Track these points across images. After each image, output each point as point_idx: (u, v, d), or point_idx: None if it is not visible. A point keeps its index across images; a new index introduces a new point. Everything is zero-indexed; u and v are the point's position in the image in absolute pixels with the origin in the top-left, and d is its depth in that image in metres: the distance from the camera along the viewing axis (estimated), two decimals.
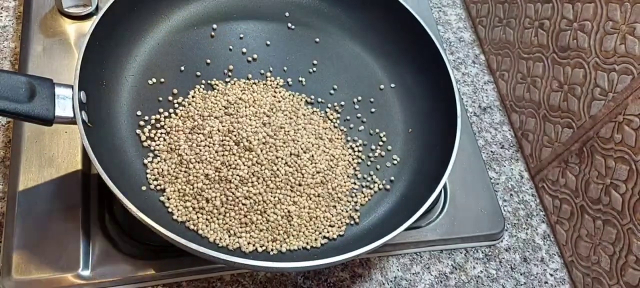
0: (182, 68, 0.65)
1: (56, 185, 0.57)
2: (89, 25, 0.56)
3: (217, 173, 0.56)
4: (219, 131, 0.59)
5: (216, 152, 0.57)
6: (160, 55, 0.65)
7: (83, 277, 0.53)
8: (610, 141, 0.58)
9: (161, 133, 0.59)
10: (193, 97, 0.62)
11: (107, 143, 0.55)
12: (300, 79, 0.67)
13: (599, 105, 0.59)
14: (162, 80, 0.63)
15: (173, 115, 0.61)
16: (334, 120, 0.65)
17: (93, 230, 0.56)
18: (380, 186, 0.61)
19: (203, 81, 0.64)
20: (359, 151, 0.63)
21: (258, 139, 0.58)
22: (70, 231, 0.55)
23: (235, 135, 0.58)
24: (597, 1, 0.59)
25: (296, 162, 0.58)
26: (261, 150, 0.57)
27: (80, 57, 0.53)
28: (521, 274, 0.64)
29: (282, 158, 0.58)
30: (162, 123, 0.60)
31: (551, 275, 0.65)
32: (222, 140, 0.58)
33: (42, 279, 0.53)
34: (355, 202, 0.60)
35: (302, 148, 0.59)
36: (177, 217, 0.54)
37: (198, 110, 0.61)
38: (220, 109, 0.61)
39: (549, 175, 0.68)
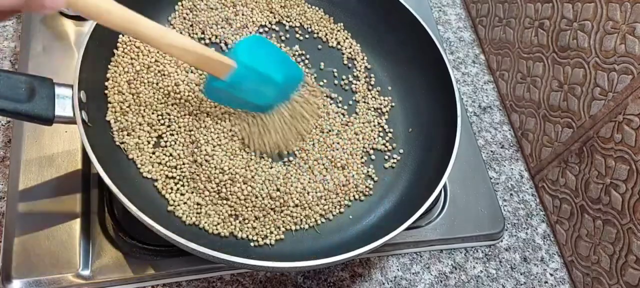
0: None
1: (56, 185, 0.57)
2: (89, 25, 0.56)
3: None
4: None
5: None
6: None
7: (83, 276, 0.54)
8: (610, 141, 0.58)
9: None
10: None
11: (107, 143, 0.55)
12: None
13: (599, 105, 0.59)
14: None
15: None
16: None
17: (93, 230, 0.56)
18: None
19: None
20: None
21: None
22: (70, 231, 0.55)
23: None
24: (597, 1, 0.59)
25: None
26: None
27: (80, 57, 0.53)
28: (521, 274, 0.64)
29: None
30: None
31: (551, 274, 0.65)
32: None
33: (42, 279, 0.53)
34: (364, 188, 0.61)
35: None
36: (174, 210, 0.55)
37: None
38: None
39: (549, 175, 0.68)
